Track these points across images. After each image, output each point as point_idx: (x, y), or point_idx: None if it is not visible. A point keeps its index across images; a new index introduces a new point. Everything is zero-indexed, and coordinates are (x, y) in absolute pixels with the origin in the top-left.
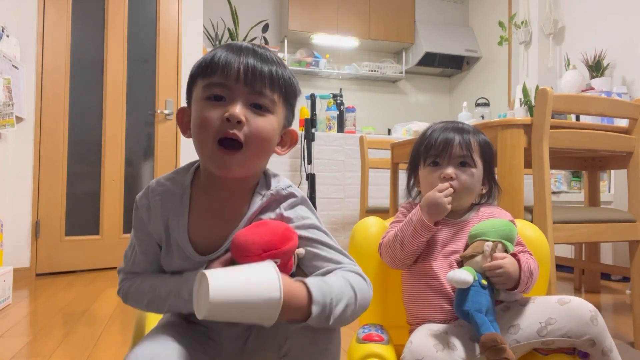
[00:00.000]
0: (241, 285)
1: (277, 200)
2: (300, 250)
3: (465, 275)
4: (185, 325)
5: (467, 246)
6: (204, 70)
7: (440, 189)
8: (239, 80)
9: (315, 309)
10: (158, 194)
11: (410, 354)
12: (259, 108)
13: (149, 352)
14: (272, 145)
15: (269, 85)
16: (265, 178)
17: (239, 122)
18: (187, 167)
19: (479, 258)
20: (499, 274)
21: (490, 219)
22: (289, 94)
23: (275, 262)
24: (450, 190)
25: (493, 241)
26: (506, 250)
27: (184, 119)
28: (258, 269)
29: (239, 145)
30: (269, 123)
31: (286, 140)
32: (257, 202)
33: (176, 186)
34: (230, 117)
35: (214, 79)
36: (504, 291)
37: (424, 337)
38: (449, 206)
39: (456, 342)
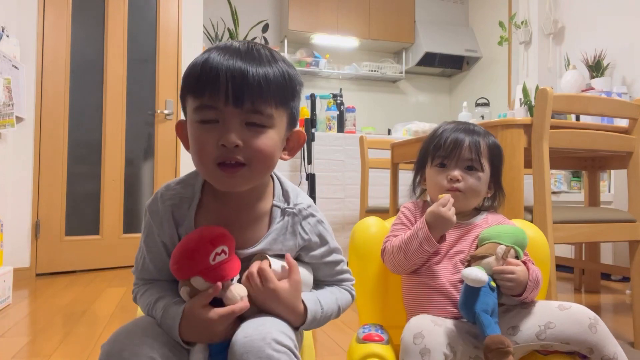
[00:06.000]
0: None
1: (298, 220)
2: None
3: (481, 274)
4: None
5: (476, 247)
6: (193, 87)
7: (442, 203)
8: (228, 102)
9: (308, 318)
10: (168, 198)
11: (409, 330)
12: (255, 126)
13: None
14: (276, 158)
15: (261, 98)
16: (282, 188)
17: (237, 146)
18: (197, 171)
19: (490, 260)
20: (509, 279)
21: (504, 225)
22: (286, 97)
23: (223, 253)
24: (452, 200)
25: (506, 245)
26: (517, 257)
27: (183, 133)
28: None
29: (241, 164)
30: (269, 139)
31: (292, 143)
32: (277, 218)
33: (187, 189)
34: (226, 143)
35: (204, 100)
36: (507, 296)
37: (421, 317)
38: (454, 218)
39: (452, 326)
